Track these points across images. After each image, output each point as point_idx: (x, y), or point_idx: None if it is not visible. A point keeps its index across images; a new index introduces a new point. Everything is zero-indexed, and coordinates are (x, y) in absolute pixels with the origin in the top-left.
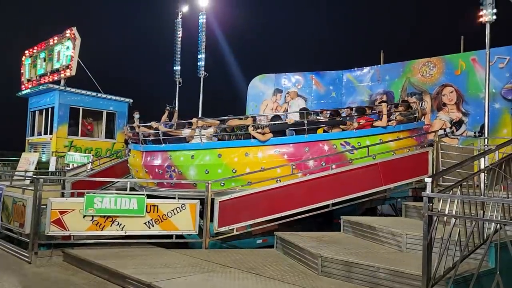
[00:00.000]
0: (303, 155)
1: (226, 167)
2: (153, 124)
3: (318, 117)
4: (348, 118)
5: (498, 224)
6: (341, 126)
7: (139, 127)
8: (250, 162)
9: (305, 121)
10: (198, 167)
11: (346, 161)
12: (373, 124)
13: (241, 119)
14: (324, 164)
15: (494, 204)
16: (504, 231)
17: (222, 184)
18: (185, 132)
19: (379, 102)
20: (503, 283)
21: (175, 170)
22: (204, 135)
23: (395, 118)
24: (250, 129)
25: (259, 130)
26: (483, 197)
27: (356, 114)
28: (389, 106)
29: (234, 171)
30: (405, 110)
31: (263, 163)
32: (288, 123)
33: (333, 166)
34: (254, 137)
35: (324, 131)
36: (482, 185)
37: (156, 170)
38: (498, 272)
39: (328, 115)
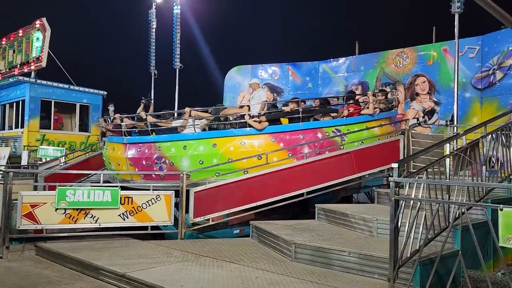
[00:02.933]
0: (298, 142)
1: (222, 157)
2: (143, 114)
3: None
4: (340, 105)
5: (462, 207)
6: (332, 114)
7: (121, 118)
8: (247, 150)
9: (300, 109)
10: (192, 158)
11: (338, 148)
12: (361, 112)
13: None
14: (318, 151)
15: (459, 189)
16: (466, 213)
17: (218, 174)
18: (176, 122)
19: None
20: (469, 264)
21: (165, 162)
22: (198, 124)
23: (379, 106)
24: (247, 117)
25: (255, 119)
26: (447, 181)
27: (346, 101)
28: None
29: (230, 160)
30: (384, 99)
31: (259, 151)
32: (284, 111)
33: (327, 152)
34: (250, 126)
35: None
36: (447, 170)
37: (144, 162)
38: (460, 253)
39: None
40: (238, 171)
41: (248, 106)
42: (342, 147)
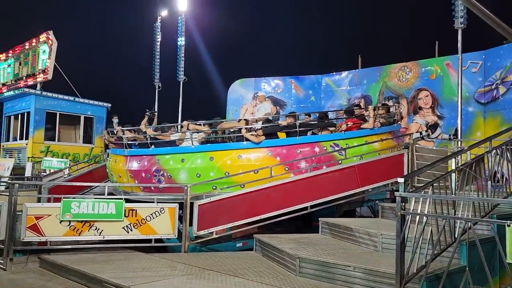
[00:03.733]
0: (296, 156)
1: (219, 170)
2: (143, 127)
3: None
4: (337, 120)
5: (468, 223)
6: (330, 128)
7: (123, 131)
8: (243, 164)
9: (297, 123)
10: (189, 171)
11: (336, 162)
12: (361, 126)
13: (235, 121)
14: (315, 165)
15: (465, 204)
16: (472, 229)
17: (214, 187)
18: (175, 136)
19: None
20: (475, 280)
21: (164, 174)
22: (196, 138)
23: (379, 120)
24: (243, 131)
25: (252, 132)
26: (453, 196)
27: (345, 116)
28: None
29: (227, 173)
30: (385, 113)
31: (256, 165)
32: (281, 125)
33: (324, 167)
34: (247, 139)
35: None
36: (453, 185)
37: (143, 174)
38: (467, 269)
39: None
40: (235, 185)
41: (245, 120)
42: (340, 162)
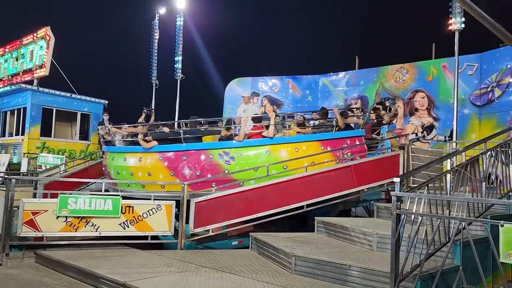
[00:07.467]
0: (181, 163)
1: (127, 170)
2: (100, 128)
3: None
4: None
5: (462, 223)
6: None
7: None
8: (141, 166)
9: (181, 131)
10: (115, 168)
11: (222, 172)
12: (262, 134)
13: (136, 127)
14: (199, 173)
15: (459, 204)
16: (467, 229)
17: (128, 185)
18: (116, 137)
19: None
20: (468, 280)
21: (107, 169)
22: (117, 139)
23: (288, 128)
24: (139, 136)
25: (147, 138)
26: (448, 196)
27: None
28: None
29: (131, 173)
30: (321, 119)
31: (149, 168)
32: (165, 132)
33: (209, 175)
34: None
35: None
36: (448, 185)
37: (103, 168)
38: (461, 268)
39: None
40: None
41: (143, 125)
42: (227, 171)
